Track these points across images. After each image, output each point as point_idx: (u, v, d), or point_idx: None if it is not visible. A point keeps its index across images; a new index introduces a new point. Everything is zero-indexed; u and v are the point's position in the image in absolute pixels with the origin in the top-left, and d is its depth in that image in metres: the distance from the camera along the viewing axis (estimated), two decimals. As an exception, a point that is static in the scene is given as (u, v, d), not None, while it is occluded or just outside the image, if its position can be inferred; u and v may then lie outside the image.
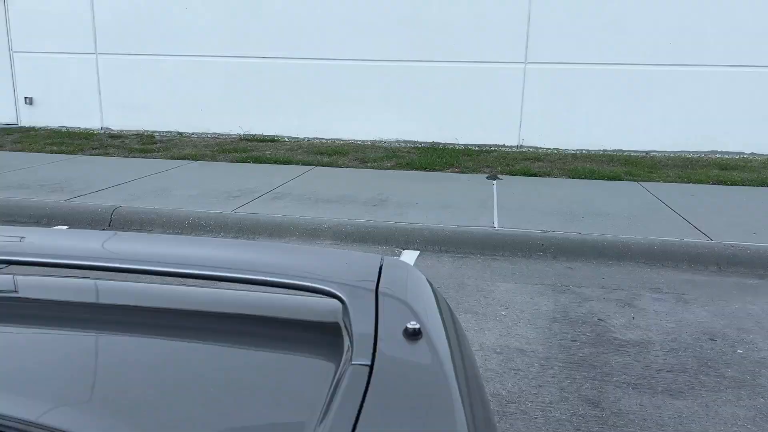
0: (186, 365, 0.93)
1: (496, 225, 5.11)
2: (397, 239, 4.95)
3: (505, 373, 3.01)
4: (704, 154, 8.63)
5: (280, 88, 9.59)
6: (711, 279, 4.36)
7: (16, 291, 1.20)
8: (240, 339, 1.04)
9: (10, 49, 10.32)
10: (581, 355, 3.21)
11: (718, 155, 8.57)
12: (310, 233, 5.08)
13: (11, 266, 1.19)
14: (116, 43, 9.93)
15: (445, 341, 1.02)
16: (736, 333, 3.49)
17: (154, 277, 1.19)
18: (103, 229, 5.28)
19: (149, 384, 0.87)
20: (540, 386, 2.89)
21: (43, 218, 5.48)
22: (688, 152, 8.66)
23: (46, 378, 0.86)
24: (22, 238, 1.28)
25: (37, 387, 0.84)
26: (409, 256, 4.71)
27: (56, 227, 5.33)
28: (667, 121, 8.64)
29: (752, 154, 8.54)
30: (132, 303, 1.17)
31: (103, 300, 1.19)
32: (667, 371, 3.05)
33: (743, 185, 6.76)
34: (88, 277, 1.30)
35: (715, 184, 6.84)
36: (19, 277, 1.27)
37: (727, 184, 6.79)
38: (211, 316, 1.13)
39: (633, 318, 3.67)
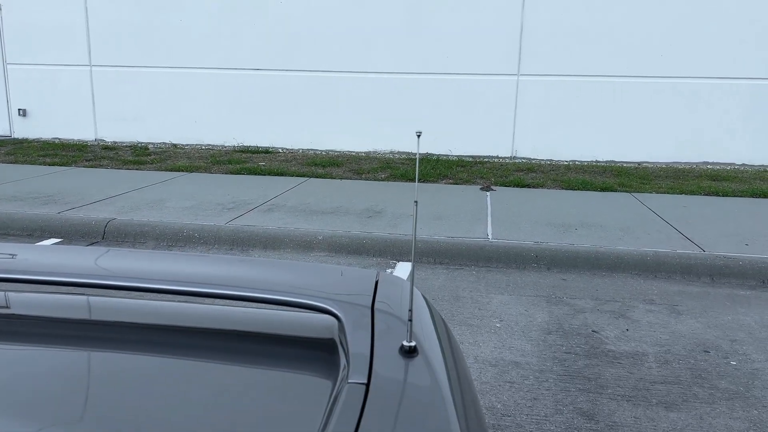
0: (179, 383, 0.93)
1: (490, 236, 5.12)
2: (392, 251, 4.96)
3: (500, 385, 3.01)
4: (696, 164, 8.69)
5: (274, 100, 9.62)
6: (704, 290, 4.38)
7: (7, 307, 1.19)
8: (234, 356, 1.04)
9: (3, 61, 10.31)
10: (576, 367, 3.21)
11: (709, 166, 8.64)
12: (305, 245, 5.07)
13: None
14: (110, 55, 9.95)
15: (441, 358, 1.03)
16: (729, 344, 3.50)
17: (146, 294, 1.19)
18: (97, 242, 5.26)
19: (141, 402, 0.87)
20: (535, 399, 2.89)
21: (36, 231, 5.45)
22: (680, 163, 8.73)
23: (35, 397, 0.86)
24: (12, 255, 1.27)
25: (26, 406, 0.83)
26: (404, 268, 4.71)
27: (49, 240, 5.30)
28: (659, 132, 8.71)
29: (743, 165, 8.61)
30: (123, 320, 1.17)
31: (94, 317, 1.18)
32: (661, 383, 3.06)
33: (735, 196, 6.80)
34: (79, 294, 1.30)
35: (707, 195, 6.88)
36: (10, 294, 1.26)
37: (719, 195, 6.84)
38: (205, 333, 1.13)
39: (627, 330, 3.68)
